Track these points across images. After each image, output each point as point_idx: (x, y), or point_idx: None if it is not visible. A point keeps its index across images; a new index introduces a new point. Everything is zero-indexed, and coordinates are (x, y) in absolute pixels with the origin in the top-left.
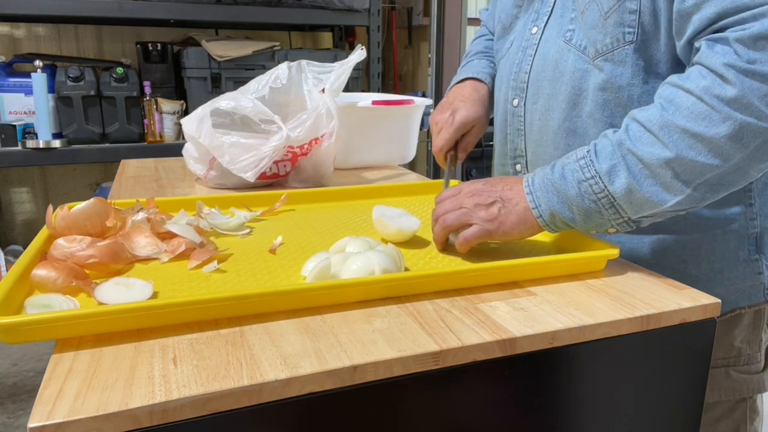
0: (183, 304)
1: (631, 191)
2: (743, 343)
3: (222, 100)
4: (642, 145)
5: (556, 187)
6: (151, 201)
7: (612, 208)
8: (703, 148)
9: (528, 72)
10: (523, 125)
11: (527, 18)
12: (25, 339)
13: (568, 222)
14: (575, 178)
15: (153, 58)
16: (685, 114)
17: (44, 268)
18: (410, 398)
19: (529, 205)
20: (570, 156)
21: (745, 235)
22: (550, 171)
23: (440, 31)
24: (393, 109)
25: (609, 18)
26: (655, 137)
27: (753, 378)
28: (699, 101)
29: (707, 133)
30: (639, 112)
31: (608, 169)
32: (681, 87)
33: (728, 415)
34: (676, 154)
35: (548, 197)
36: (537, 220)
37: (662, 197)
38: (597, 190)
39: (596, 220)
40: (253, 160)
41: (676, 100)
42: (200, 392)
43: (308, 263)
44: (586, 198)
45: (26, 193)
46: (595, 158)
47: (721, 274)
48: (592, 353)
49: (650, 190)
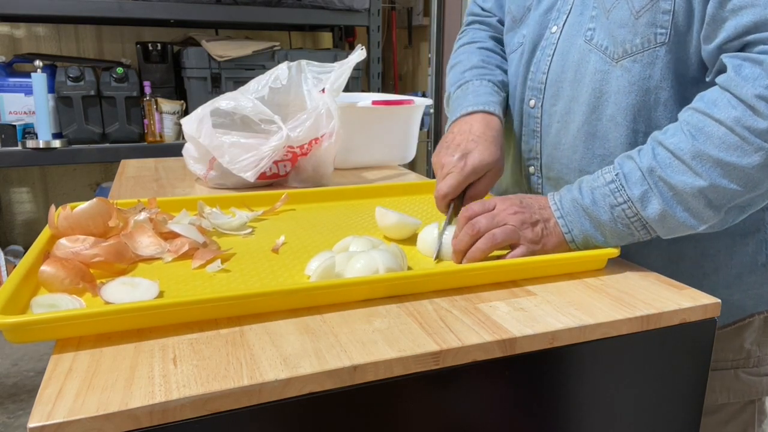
0: (189, 304)
1: (665, 217)
2: (753, 345)
3: (222, 100)
4: (673, 173)
5: (588, 212)
6: (153, 201)
7: (644, 229)
8: (735, 176)
9: (546, 72)
10: (540, 126)
11: (543, 14)
12: (31, 338)
13: (599, 244)
14: (607, 203)
15: (153, 58)
16: (717, 144)
17: (52, 266)
18: (410, 398)
19: (562, 230)
20: (597, 179)
21: (764, 240)
22: (579, 194)
23: (440, 31)
24: (393, 109)
25: (641, 17)
26: (686, 166)
27: (762, 380)
28: (730, 132)
29: (740, 163)
30: (665, 138)
31: (640, 195)
32: (711, 116)
33: (737, 416)
34: (710, 183)
35: (581, 222)
36: (570, 244)
37: (694, 222)
38: (630, 215)
39: (627, 240)
40: (253, 160)
41: (707, 129)
42: (200, 392)
43: (312, 262)
44: (619, 222)
45: (26, 193)
46: (625, 183)
47: (740, 279)
48: (592, 353)
49: (683, 215)
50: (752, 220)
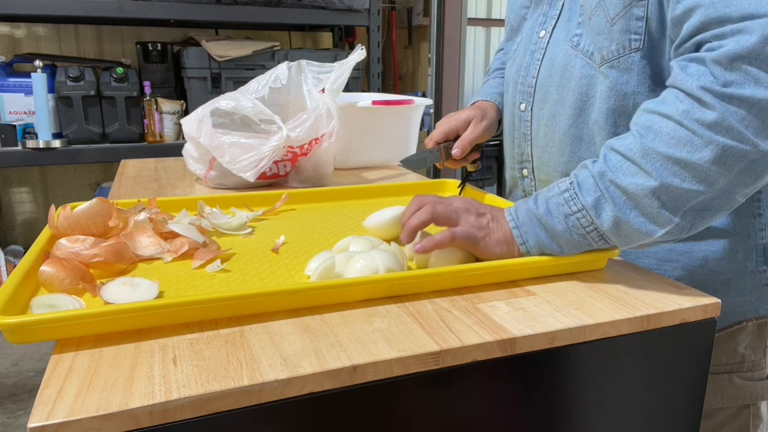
0: (190, 304)
1: (619, 224)
2: (747, 350)
3: (222, 100)
4: (623, 175)
5: (542, 222)
6: (153, 201)
7: (602, 240)
8: (687, 174)
9: (535, 76)
10: (530, 130)
11: (535, 20)
12: (31, 339)
13: (556, 254)
14: (561, 212)
15: (153, 58)
16: (666, 140)
17: (52, 266)
18: (410, 398)
19: (516, 240)
20: (552, 189)
21: (753, 246)
22: (534, 205)
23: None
24: (393, 109)
25: (615, 24)
26: (637, 167)
27: (757, 385)
28: (679, 126)
29: (690, 158)
30: (616, 141)
31: (593, 202)
32: (658, 113)
33: (731, 421)
34: (660, 182)
35: (536, 233)
36: (524, 254)
37: (650, 228)
38: (585, 224)
39: (585, 250)
40: (253, 160)
41: (654, 126)
42: (200, 392)
43: (311, 262)
44: (574, 232)
45: (26, 193)
46: (578, 191)
47: (728, 285)
48: (592, 353)
49: (637, 221)
50: (741, 226)
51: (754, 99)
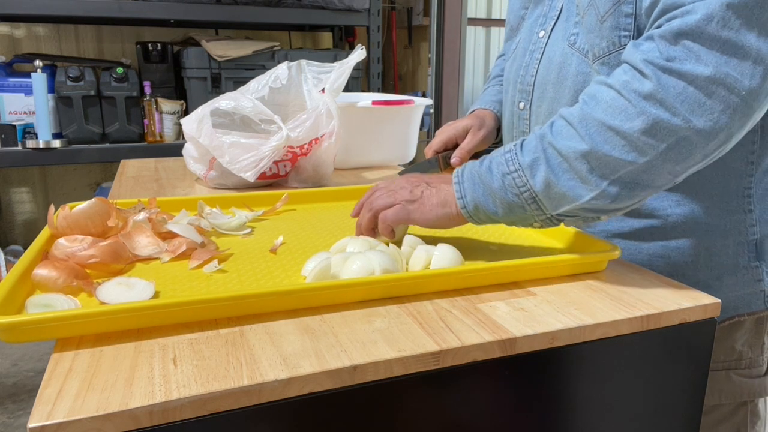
0: (183, 304)
1: (549, 185)
2: (745, 347)
3: (222, 100)
4: (561, 138)
5: (482, 179)
6: (153, 201)
7: (534, 203)
8: (617, 142)
9: (534, 75)
10: (529, 128)
11: (534, 21)
12: (26, 338)
13: (491, 215)
14: (500, 171)
15: (153, 58)
16: (604, 107)
17: (45, 268)
18: (410, 398)
19: (455, 195)
20: (499, 149)
21: (745, 241)
22: (479, 164)
23: (440, 31)
24: (393, 109)
25: (605, 22)
26: (574, 130)
27: (755, 382)
28: (618, 95)
29: (622, 127)
30: (565, 109)
31: (530, 162)
32: (604, 83)
33: (729, 418)
34: (591, 146)
35: (474, 189)
36: (461, 210)
37: (578, 192)
38: (519, 184)
39: (519, 214)
40: (253, 160)
41: (597, 95)
42: (200, 392)
43: (308, 263)
44: (509, 191)
45: (26, 193)
46: (519, 152)
47: (720, 281)
48: (592, 353)
49: (567, 184)
50: (733, 222)
51: (692, 74)
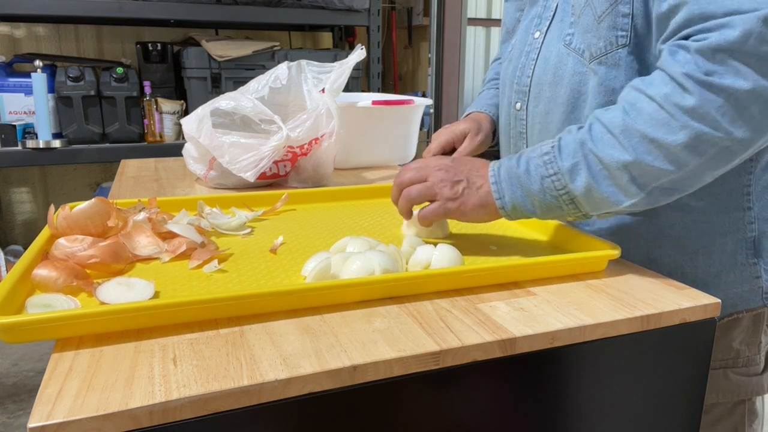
0: (183, 304)
1: (590, 190)
2: (742, 345)
3: (222, 100)
4: (603, 146)
5: (521, 181)
6: (153, 201)
7: (572, 204)
8: (660, 154)
9: (530, 76)
10: (525, 128)
11: (530, 22)
12: (26, 339)
13: (529, 214)
14: (539, 174)
15: (153, 58)
16: (646, 119)
17: (45, 268)
18: (410, 398)
19: (493, 195)
20: (535, 150)
21: (743, 238)
22: (515, 163)
23: (440, 31)
24: (393, 109)
25: (602, 21)
26: (616, 140)
27: (752, 380)
28: (660, 108)
29: (665, 140)
30: (603, 113)
31: (570, 167)
32: (644, 92)
33: (726, 417)
34: (635, 158)
35: (512, 190)
36: (499, 210)
37: (618, 198)
38: (559, 187)
39: (556, 213)
40: (252, 160)
41: (638, 105)
42: (200, 392)
43: (308, 263)
44: (548, 194)
45: (26, 193)
46: (558, 155)
47: (719, 278)
48: (592, 353)
49: (607, 190)
50: (731, 219)
51: (732, 89)
